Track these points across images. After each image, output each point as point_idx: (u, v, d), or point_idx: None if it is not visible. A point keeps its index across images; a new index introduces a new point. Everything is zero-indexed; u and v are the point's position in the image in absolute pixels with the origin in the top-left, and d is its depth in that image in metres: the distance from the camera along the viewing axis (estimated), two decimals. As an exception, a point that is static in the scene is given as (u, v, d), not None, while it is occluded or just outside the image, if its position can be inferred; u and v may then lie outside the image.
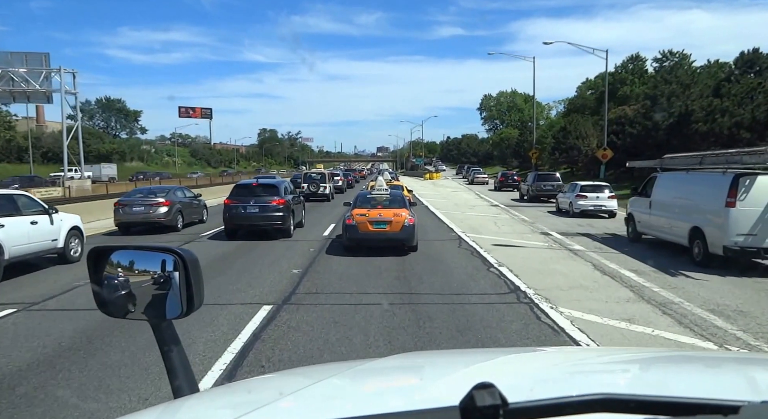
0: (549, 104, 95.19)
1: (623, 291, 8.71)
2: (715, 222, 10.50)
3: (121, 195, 18.67)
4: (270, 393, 1.35)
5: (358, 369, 1.57)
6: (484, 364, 1.64)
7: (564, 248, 13.16)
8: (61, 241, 11.24)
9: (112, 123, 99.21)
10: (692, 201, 11.49)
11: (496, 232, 16.41)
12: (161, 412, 1.27)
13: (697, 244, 11.02)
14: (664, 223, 12.62)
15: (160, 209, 16.32)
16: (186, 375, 1.44)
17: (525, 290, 8.61)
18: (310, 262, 11.16)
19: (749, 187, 10.04)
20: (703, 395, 1.07)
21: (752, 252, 10.04)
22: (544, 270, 10.37)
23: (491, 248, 12.97)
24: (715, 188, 10.60)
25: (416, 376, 1.57)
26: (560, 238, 14.96)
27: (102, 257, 1.52)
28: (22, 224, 10.24)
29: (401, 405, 1.18)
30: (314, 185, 30.03)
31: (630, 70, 67.81)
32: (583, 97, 75.74)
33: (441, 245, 13.60)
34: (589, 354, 2.20)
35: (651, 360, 1.71)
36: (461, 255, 12.04)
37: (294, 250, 12.85)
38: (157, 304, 1.47)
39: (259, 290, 8.58)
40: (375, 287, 8.87)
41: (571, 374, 1.49)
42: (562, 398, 0.84)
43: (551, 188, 28.73)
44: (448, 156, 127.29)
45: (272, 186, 15.50)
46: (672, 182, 12.74)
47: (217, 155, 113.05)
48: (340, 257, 11.64)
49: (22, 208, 10.52)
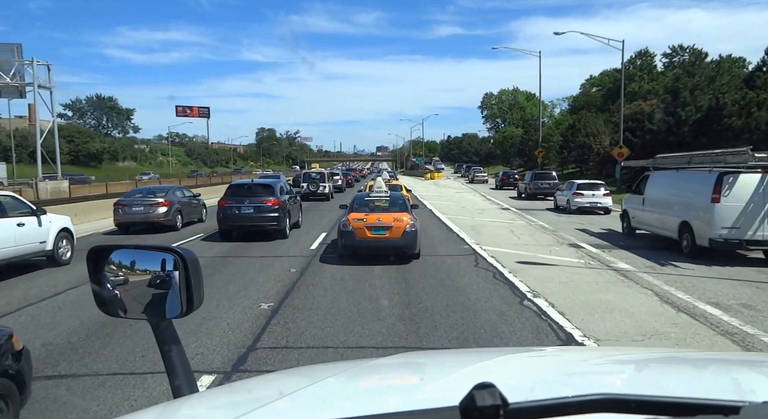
0: (553, 102, 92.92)
1: (719, 339, 6.20)
2: (701, 217, 11.43)
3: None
4: (270, 393, 1.35)
5: (358, 368, 1.61)
6: (485, 364, 1.66)
7: (606, 267, 10.78)
8: (49, 243, 10.97)
9: (104, 121, 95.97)
10: (681, 198, 12.41)
11: (516, 243, 13.94)
12: (161, 412, 1.29)
13: (686, 237, 11.98)
14: (656, 218, 13.52)
15: (160, 209, 16.61)
16: (186, 375, 1.46)
17: (581, 339, 6.02)
18: (287, 290, 8.75)
19: (732, 184, 10.97)
20: (704, 395, 1.06)
21: (735, 244, 11.04)
22: (596, 304, 7.89)
23: (517, 267, 10.65)
24: (701, 185, 11.54)
25: (416, 376, 1.58)
26: (595, 252, 12.80)
27: (102, 257, 1.54)
28: (8, 227, 9.99)
29: (401, 404, 1.19)
30: (314, 184, 30.06)
31: (638, 66, 65.08)
32: (588, 95, 74.02)
33: (453, 263, 11.24)
34: (590, 354, 2.17)
35: (652, 360, 1.73)
36: (481, 279, 9.61)
37: (271, 271, 10.66)
38: (156, 304, 1.48)
39: (205, 345, 5.98)
40: (370, 334, 6.52)
41: (571, 374, 1.50)
42: (562, 398, 0.84)
43: (548, 187, 30.10)
44: (449, 155, 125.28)
45: (267, 186, 15.33)
46: (663, 180, 13.68)
47: (213, 154, 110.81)
48: (327, 282, 9.48)
49: (8, 209, 10.30)
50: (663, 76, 59.54)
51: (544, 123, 72.13)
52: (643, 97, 50.82)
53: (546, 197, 29.31)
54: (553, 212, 22.82)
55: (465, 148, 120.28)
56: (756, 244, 11.05)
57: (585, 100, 70.97)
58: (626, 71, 65.08)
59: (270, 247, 13.54)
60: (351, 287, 8.97)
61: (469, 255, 12.20)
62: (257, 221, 14.36)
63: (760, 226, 10.81)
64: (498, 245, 13.65)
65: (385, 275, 9.90)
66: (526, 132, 76.50)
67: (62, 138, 71.18)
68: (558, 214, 22.14)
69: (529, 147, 65.70)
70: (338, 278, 9.71)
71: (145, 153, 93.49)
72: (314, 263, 11.23)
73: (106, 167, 74.41)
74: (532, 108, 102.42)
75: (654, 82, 59.23)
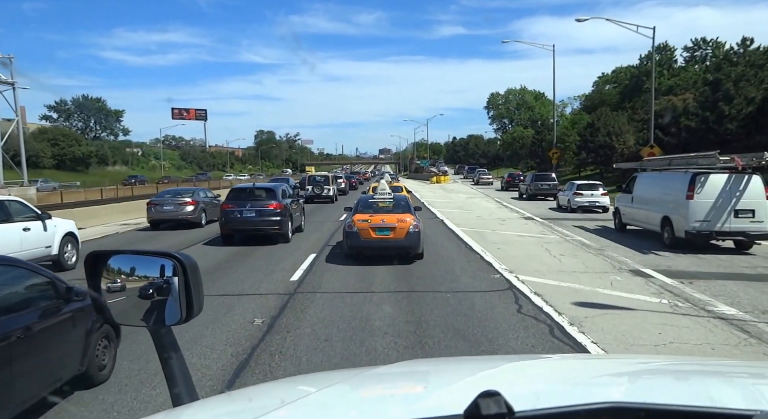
0: (564, 101, 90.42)
1: None
2: (679, 212, 13.46)
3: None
4: (271, 402, 1.36)
5: (361, 376, 1.63)
6: (489, 372, 1.68)
7: (703, 312, 7.67)
8: (55, 247, 11.37)
9: (92, 123, 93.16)
10: (663, 195, 14.37)
11: (560, 269, 11.09)
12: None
13: (667, 230, 13.92)
14: (642, 214, 15.47)
15: (187, 207, 18.70)
16: (185, 383, 1.47)
17: None
18: (248, 355, 5.73)
19: (704, 183, 13.06)
20: (713, 404, 1.07)
21: (706, 235, 13.06)
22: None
23: (579, 314, 8.14)
24: (679, 184, 13.57)
25: (420, 384, 1.59)
26: (671, 283, 9.78)
27: (100, 262, 1.54)
28: (14, 231, 10.36)
29: (404, 413, 1.20)
30: (318, 187, 31.52)
31: (658, 61, 61.63)
32: (601, 93, 71.20)
33: (485, 305, 8.66)
34: (596, 362, 2.23)
35: (659, 368, 1.75)
36: (535, 339, 7.01)
37: (232, 316, 7.87)
38: (155, 310, 1.48)
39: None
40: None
41: (577, 382, 1.51)
42: (568, 406, 0.83)
43: (548, 187, 33.00)
44: (454, 157, 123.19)
45: (269, 190, 15.83)
46: (648, 180, 15.74)
47: (209, 158, 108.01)
48: (307, 345, 6.61)
49: (14, 214, 10.70)
50: (684, 71, 56.48)
51: (557, 123, 69.22)
52: (667, 93, 47.74)
53: (546, 197, 32.10)
54: (555, 212, 24.96)
55: (471, 150, 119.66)
56: (724, 235, 13.10)
57: (599, 99, 68.36)
58: (644, 67, 62.29)
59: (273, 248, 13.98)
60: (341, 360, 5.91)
61: (505, 291, 9.25)
62: (259, 224, 14.71)
63: (727, 219, 12.86)
64: (538, 272, 10.73)
65: (391, 331, 6.82)
66: (538, 132, 75.73)
67: (46, 141, 69.02)
68: (560, 212, 24.30)
69: (542, 148, 64.15)
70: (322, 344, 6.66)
71: (137, 157, 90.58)
72: (288, 314, 8.06)
73: (94, 171, 72.45)
74: (541, 108, 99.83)
75: (676, 77, 56.28)
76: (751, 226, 12.78)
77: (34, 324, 4.42)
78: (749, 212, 12.75)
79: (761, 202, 12.81)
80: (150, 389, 5.15)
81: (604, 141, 44.16)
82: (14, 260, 5.13)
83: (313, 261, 12.18)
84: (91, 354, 5.07)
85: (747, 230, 12.85)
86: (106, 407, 4.85)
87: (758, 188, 12.83)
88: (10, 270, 4.74)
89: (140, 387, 5.23)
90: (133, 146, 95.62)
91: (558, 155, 43.35)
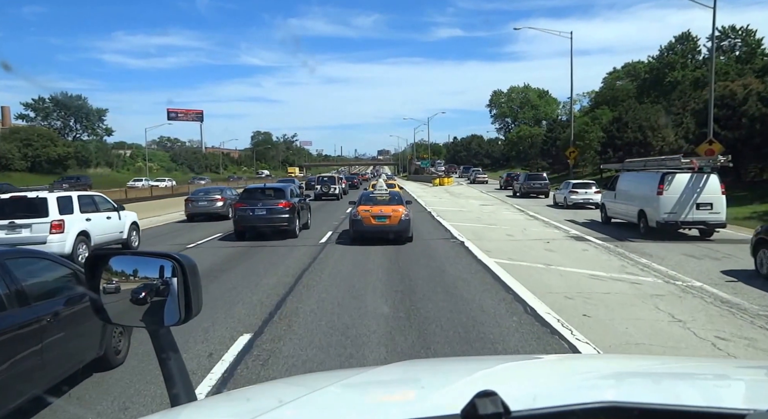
0: (574, 98, 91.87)
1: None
2: (651, 205, 17.51)
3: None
4: (269, 402, 1.41)
5: (359, 376, 1.71)
6: (486, 372, 1.76)
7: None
8: (125, 233, 15.67)
9: (71, 123, 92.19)
10: (639, 192, 18.53)
11: (699, 344, 7.32)
12: None
13: (642, 221, 18.06)
14: (623, 208, 19.74)
15: (218, 203, 24.17)
16: (184, 383, 1.54)
17: None
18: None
19: (671, 181, 17.07)
20: (707, 403, 1.13)
21: (673, 224, 17.06)
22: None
23: None
24: (652, 182, 17.65)
25: (417, 384, 1.65)
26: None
27: (100, 263, 1.62)
28: (101, 219, 14.39)
29: (402, 413, 1.26)
30: (326, 186, 39.81)
31: (680, 52, 63.40)
32: (613, 89, 73.14)
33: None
34: (592, 362, 2.36)
35: (654, 368, 1.85)
36: None
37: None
38: (154, 311, 1.57)
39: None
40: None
41: (574, 382, 1.58)
42: (565, 406, 0.87)
43: (539, 186, 39.41)
44: (456, 158, 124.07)
45: (279, 190, 18.78)
46: (628, 179, 19.97)
47: (202, 159, 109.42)
48: None
49: (100, 205, 14.67)
50: (709, 62, 56.44)
51: (566, 120, 70.21)
52: (693, 87, 46.84)
53: (537, 195, 38.41)
54: (552, 208, 29.61)
55: (474, 150, 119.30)
56: (688, 224, 17.18)
57: (611, 95, 70.37)
58: (665, 59, 62.83)
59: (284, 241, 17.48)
60: None
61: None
62: (270, 221, 17.53)
63: (691, 211, 16.90)
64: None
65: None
66: (551, 130, 75.88)
67: (18, 142, 67.32)
68: (557, 209, 28.54)
69: (556, 147, 63.83)
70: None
71: (124, 158, 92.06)
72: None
73: (73, 174, 67.34)
74: (545, 106, 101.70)
75: (700, 69, 57.16)
76: (710, 216, 16.86)
77: (61, 310, 5.16)
78: (708, 205, 16.81)
79: (718, 197, 16.87)
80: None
81: (635, 137, 41.65)
82: (40, 252, 6.06)
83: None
84: (108, 339, 5.89)
85: (707, 220, 16.93)
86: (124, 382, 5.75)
87: (715, 185, 16.89)
88: (38, 262, 5.58)
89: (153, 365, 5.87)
90: (126, 148, 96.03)
91: (575, 155, 41.43)
